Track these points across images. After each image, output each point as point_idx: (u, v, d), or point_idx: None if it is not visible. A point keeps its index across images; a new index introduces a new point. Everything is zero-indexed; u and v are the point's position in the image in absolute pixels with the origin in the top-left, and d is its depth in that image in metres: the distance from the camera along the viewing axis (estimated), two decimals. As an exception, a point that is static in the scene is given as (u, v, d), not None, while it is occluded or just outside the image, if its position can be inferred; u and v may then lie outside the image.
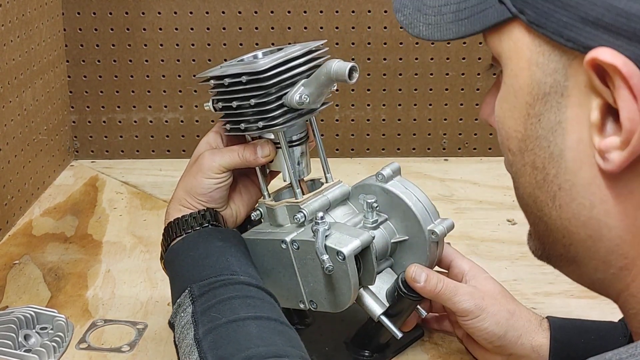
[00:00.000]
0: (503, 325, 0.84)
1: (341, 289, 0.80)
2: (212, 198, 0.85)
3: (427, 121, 1.53)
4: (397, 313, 0.85)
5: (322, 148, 0.90)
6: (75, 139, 1.53)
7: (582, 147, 0.49)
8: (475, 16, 0.55)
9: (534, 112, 0.52)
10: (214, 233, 0.83)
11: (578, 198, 0.51)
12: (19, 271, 1.12)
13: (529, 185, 0.55)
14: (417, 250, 0.85)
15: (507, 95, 0.55)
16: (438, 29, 0.58)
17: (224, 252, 0.81)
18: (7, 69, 1.22)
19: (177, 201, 0.86)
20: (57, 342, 0.92)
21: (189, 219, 0.84)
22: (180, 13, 1.46)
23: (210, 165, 0.84)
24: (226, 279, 0.77)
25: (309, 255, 0.81)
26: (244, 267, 0.80)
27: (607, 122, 0.48)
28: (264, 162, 0.85)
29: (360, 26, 1.46)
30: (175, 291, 0.81)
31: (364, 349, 0.91)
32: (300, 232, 0.83)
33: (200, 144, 0.89)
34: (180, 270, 0.81)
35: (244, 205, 0.90)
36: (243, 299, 0.75)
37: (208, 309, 0.74)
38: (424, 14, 0.59)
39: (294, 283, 0.83)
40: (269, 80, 0.79)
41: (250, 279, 0.78)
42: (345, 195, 0.88)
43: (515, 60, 0.53)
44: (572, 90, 0.49)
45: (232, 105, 0.82)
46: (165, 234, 0.86)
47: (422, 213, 0.84)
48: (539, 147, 0.52)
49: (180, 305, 0.77)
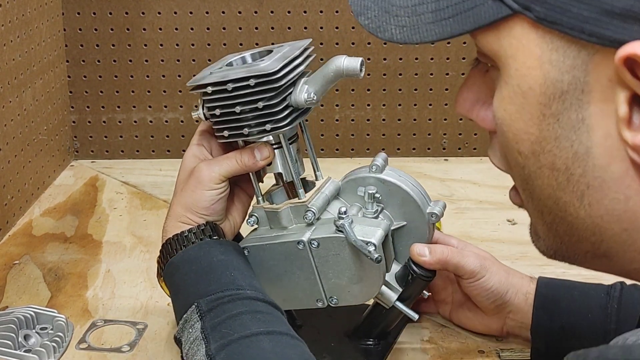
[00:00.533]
0: (504, 283, 0.90)
1: (371, 278, 0.82)
2: (214, 211, 0.83)
3: (427, 121, 1.53)
4: (408, 296, 0.88)
5: (312, 146, 0.90)
6: (75, 139, 1.53)
7: (610, 142, 0.47)
8: (462, 14, 0.51)
9: (551, 112, 0.49)
10: (214, 246, 0.82)
11: (611, 193, 0.49)
12: (19, 271, 1.12)
13: (547, 187, 0.52)
14: (416, 234, 0.88)
15: (513, 97, 0.51)
16: (415, 31, 0.54)
17: (227, 266, 0.79)
18: (7, 69, 1.22)
19: (175, 218, 0.84)
20: (57, 342, 0.92)
21: (188, 235, 0.82)
22: (180, 13, 1.46)
23: (210, 177, 0.82)
24: (233, 294, 0.76)
25: (331, 251, 0.81)
26: (249, 281, 0.79)
27: (635, 113, 0.46)
28: (263, 165, 0.83)
29: (360, 26, 1.45)
30: (179, 306, 0.79)
31: (368, 338, 0.93)
32: (315, 230, 0.83)
33: (187, 160, 0.86)
34: (183, 284, 0.80)
35: (239, 214, 0.88)
36: (253, 314, 0.74)
37: (218, 324, 0.73)
38: (395, 16, 0.55)
39: (311, 283, 0.84)
40: (280, 82, 0.79)
41: (257, 293, 0.77)
42: (338, 190, 0.89)
43: (522, 58, 0.50)
44: (594, 85, 0.47)
45: (235, 110, 0.80)
46: (163, 250, 0.84)
47: (420, 198, 0.87)
48: (558, 147, 0.50)
49: (187, 321, 0.76)
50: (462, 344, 0.95)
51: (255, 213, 0.87)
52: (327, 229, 0.82)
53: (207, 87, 0.80)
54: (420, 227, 0.88)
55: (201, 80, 0.81)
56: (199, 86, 0.81)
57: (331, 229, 0.81)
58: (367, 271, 0.81)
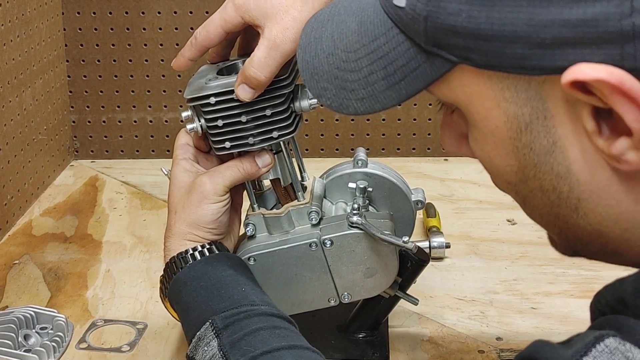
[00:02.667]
0: None
1: (386, 269, 0.84)
2: (220, 224, 0.81)
3: (427, 121, 1.53)
4: (407, 284, 0.90)
5: (298, 147, 0.90)
6: (75, 139, 1.53)
7: (588, 155, 0.48)
8: (410, 75, 0.53)
9: (522, 143, 0.51)
10: (222, 260, 0.79)
11: (602, 201, 0.50)
12: (18, 271, 1.12)
13: (544, 206, 0.53)
14: (402, 222, 0.89)
15: (484, 137, 0.53)
16: (375, 100, 0.55)
17: (238, 282, 0.77)
18: (7, 68, 1.22)
19: (180, 237, 0.80)
20: (57, 342, 0.92)
21: (194, 253, 0.79)
22: (180, 13, 1.46)
23: (214, 189, 0.79)
24: (249, 310, 0.74)
25: (346, 248, 0.82)
26: (261, 297, 0.77)
27: (602, 123, 0.47)
28: (265, 172, 0.82)
29: (360, 26, 1.46)
30: (191, 323, 0.76)
31: (361, 330, 0.94)
32: (323, 229, 0.83)
33: (179, 176, 0.82)
34: (193, 301, 0.77)
35: (236, 226, 0.86)
36: (271, 329, 0.72)
37: (237, 341, 0.71)
38: (351, 90, 0.57)
39: (323, 282, 0.84)
40: (289, 88, 0.78)
41: (271, 309, 0.75)
42: (324, 188, 0.89)
43: (479, 102, 0.51)
44: (554, 110, 0.48)
45: (240, 119, 0.78)
46: (167, 269, 0.81)
47: (405, 187, 0.89)
48: (540, 172, 0.51)
49: (202, 339, 0.73)
50: (462, 344, 0.95)
51: (252, 221, 0.85)
52: (338, 226, 0.82)
53: (209, 98, 0.77)
54: (406, 215, 0.89)
55: (201, 91, 0.78)
56: (200, 97, 0.78)
57: (343, 226, 0.82)
58: (385, 262, 0.83)
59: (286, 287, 0.84)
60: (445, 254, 1.14)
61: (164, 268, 0.81)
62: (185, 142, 0.84)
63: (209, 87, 0.78)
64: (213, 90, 0.78)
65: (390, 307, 0.93)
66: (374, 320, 0.94)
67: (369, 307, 0.93)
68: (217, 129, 0.79)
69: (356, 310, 0.94)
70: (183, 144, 0.84)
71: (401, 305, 0.94)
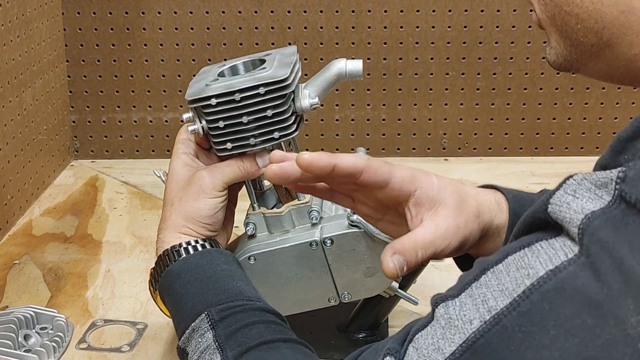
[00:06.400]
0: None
1: None
2: (217, 219, 0.80)
3: (427, 121, 1.53)
4: (407, 283, 0.90)
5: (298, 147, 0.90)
6: (75, 139, 1.53)
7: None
8: None
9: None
10: (216, 255, 0.79)
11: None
12: (19, 271, 1.12)
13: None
14: None
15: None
16: None
17: (233, 277, 0.77)
18: (7, 68, 1.22)
19: (174, 229, 0.79)
20: (57, 342, 0.92)
21: (187, 247, 0.79)
22: (180, 13, 1.46)
23: (213, 184, 0.79)
24: (244, 304, 0.73)
25: (346, 247, 0.82)
26: (254, 293, 0.77)
27: None
28: (264, 172, 0.80)
29: (360, 26, 1.46)
30: (184, 315, 0.75)
31: (361, 330, 0.94)
32: (323, 228, 0.83)
33: (178, 169, 0.82)
34: (187, 293, 0.76)
35: (230, 224, 0.86)
36: (267, 323, 0.72)
37: (233, 333, 0.71)
38: None
39: (324, 282, 0.84)
40: (290, 88, 0.78)
41: (265, 305, 0.75)
42: None
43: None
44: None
45: (242, 121, 0.78)
46: (160, 262, 0.80)
47: None
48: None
49: (196, 330, 0.73)
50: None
51: (252, 220, 0.85)
52: (338, 225, 0.82)
53: (210, 99, 0.77)
54: None
55: (202, 93, 0.78)
56: (201, 99, 0.78)
57: (344, 225, 0.82)
58: None
59: (286, 286, 0.84)
60: (445, 254, 1.14)
61: (156, 260, 0.80)
62: (186, 137, 0.84)
63: (210, 88, 0.78)
64: (214, 91, 0.78)
65: (390, 307, 0.93)
66: (374, 320, 0.94)
67: (369, 307, 0.93)
68: (218, 130, 0.79)
69: (356, 310, 0.94)
70: (184, 139, 0.84)
71: (401, 305, 0.95)
